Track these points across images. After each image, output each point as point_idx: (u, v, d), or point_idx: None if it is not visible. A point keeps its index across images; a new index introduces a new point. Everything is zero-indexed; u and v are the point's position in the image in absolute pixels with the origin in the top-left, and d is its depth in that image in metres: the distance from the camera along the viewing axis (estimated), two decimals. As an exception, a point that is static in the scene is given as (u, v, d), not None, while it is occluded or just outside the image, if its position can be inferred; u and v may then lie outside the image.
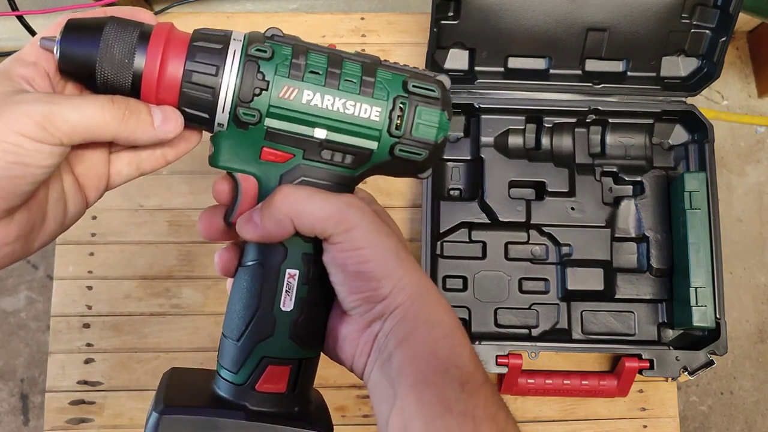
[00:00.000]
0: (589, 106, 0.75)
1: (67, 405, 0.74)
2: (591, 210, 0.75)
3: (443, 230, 0.75)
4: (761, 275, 1.46)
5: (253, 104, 0.36)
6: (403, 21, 0.84)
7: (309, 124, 0.37)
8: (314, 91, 0.36)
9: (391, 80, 0.37)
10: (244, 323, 0.38)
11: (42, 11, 0.82)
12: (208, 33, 0.37)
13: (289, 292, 0.38)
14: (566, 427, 0.74)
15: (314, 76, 0.36)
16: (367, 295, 0.37)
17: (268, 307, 0.38)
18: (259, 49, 0.36)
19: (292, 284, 0.38)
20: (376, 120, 0.37)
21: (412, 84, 0.38)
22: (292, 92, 0.36)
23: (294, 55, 0.37)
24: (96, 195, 0.41)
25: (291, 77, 0.36)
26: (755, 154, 1.52)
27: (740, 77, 1.54)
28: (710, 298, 0.69)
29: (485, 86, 0.76)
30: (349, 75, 0.37)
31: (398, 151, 0.38)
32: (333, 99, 0.37)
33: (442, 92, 0.38)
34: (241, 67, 0.36)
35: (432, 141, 0.38)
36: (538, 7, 0.72)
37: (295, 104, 0.36)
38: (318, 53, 0.37)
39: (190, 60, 0.36)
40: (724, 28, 0.72)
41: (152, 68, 0.36)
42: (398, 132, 0.37)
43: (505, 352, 0.69)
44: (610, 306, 0.74)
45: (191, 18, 0.83)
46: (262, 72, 0.36)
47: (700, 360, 0.70)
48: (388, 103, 0.37)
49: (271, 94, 0.36)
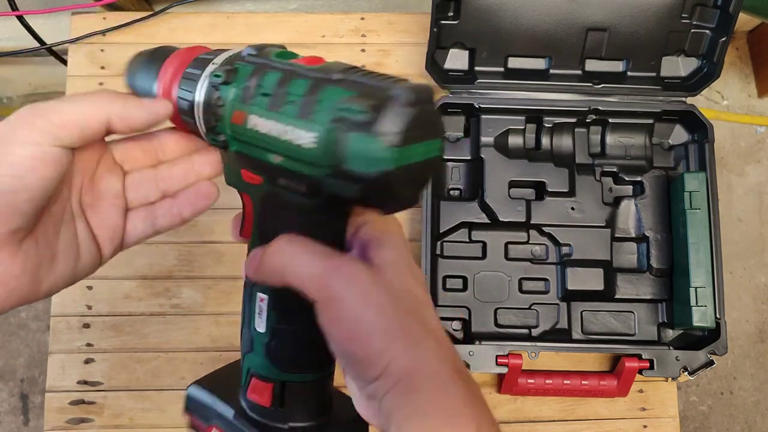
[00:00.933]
0: (589, 106, 0.75)
1: (67, 405, 0.73)
2: (591, 210, 0.75)
3: (443, 230, 0.75)
4: (761, 275, 1.46)
5: (217, 129, 0.36)
6: (403, 21, 0.84)
7: (264, 150, 0.34)
8: (259, 114, 0.34)
9: (330, 98, 0.31)
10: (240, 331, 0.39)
11: (42, 11, 0.82)
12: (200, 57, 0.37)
13: (261, 314, 0.37)
14: (566, 427, 0.74)
15: (262, 98, 0.34)
16: (354, 375, 0.33)
17: (248, 324, 0.38)
18: (216, 74, 0.35)
19: (263, 307, 0.37)
20: (311, 147, 0.31)
21: (344, 106, 0.31)
22: (240, 117, 0.34)
23: (250, 76, 0.34)
24: (110, 248, 0.40)
25: (241, 101, 0.34)
26: (755, 154, 1.52)
27: (740, 77, 1.54)
28: (710, 298, 0.69)
29: (485, 86, 0.76)
30: (292, 95, 0.33)
31: (329, 184, 0.32)
32: (274, 124, 0.33)
33: (389, 113, 0.30)
34: (206, 92, 0.36)
35: (365, 174, 0.30)
36: (538, 7, 0.72)
37: (245, 130, 0.34)
38: (275, 71, 0.34)
39: (178, 87, 0.37)
40: (724, 28, 0.72)
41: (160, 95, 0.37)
42: (331, 162, 0.31)
43: (505, 352, 0.69)
44: (610, 306, 0.74)
45: (191, 18, 0.83)
46: (220, 96, 0.35)
47: (700, 360, 0.70)
48: (324, 128, 0.31)
49: (225, 120, 0.35)
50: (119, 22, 0.81)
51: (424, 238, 0.71)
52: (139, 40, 0.82)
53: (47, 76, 1.33)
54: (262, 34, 0.83)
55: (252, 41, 0.85)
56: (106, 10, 0.84)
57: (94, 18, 0.82)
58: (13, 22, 0.83)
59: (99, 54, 0.81)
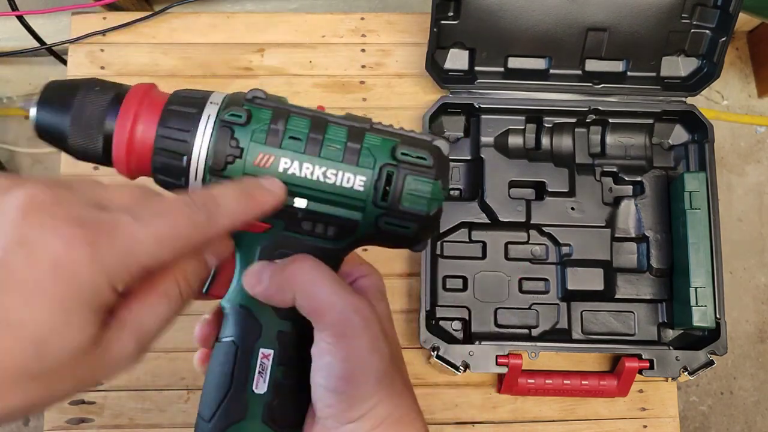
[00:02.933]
0: (589, 106, 0.75)
1: (67, 405, 0.73)
2: (591, 210, 0.75)
3: (443, 230, 0.75)
4: (761, 275, 1.46)
5: (226, 172, 0.34)
6: (403, 21, 0.84)
7: (289, 194, 0.34)
8: (292, 158, 0.34)
9: (379, 146, 0.34)
10: (215, 404, 0.36)
11: (42, 11, 0.82)
12: (185, 96, 0.35)
13: (263, 373, 0.35)
14: (566, 427, 0.74)
15: (293, 142, 0.34)
16: (336, 413, 0.34)
17: (240, 389, 0.35)
18: (234, 114, 0.34)
19: (266, 365, 0.35)
20: (360, 190, 0.34)
21: (402, 151, 0.34)
22: (268, 160, 0.34)
23: (273, 119, 0.34)
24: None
25: (267, 144, 0.34)
26: (755, 154, 1.52)
27: (740, 77, 1.54)
28: (710, 298, 0.69)
29: (485, 86, 0.76)
30: (332, 141, 0.34)
31: (384, 224, 0.35)
32: (313, 167, 0.34)
33: (438, 159, 0.35)
34: (214, 133, 0.34)
35: (423, 213, 0.34)
36: (538, 7, 0.72)
37: (271, 172, 0.34)
38: (300, 116, 0.34)
39: (162, 125, 0.34)
40: (724, 28, 0.72)
41: (122, 133, 0.33)
42: (384, 203, 0.34)
43: (505, 352, 0.69)
44: (610, 306, 0.74)
45: (191, 18, 0.83)
46: (236, 138, 0.33)
47: (700, 360, 0.70)
48: (374, 171, 0.34)
49: (245, 162, 0.34)
50: (119, 22, 0.81)
51: (424, 238, 0.71)
52: (139, 40, 0.82)
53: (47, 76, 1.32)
54: (262, 34, 0.83)
55: (252, 41, 0.86)
56: (106, 10, 0.84)
57: (94, 18, 0.82)
58: (13, 22, 0.83)
59: (99, 54, 0.81)
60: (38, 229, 0.26)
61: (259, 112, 0.34)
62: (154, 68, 0.81)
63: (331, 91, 0.81)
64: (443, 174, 0.35)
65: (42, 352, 0.26)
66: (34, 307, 0.25)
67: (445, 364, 0.68)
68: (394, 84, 0.81)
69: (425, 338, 0.69)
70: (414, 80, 0.81)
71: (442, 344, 0.69)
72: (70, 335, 0.26)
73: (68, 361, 0.26)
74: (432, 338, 0.69)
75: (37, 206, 0.27)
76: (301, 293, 0.34)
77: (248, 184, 0.33)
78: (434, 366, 0.73)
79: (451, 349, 0.69)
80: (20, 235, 0.26)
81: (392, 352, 0.35)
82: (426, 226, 0.35)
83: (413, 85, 0.81)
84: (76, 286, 0.26)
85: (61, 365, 0.26)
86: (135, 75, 0.80)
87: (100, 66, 0.81)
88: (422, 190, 0.34)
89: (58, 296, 0.26)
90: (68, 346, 0.26)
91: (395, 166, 0.34)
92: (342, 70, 0.82)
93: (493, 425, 0.73)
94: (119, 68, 0.81)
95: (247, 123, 0.34)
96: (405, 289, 0.76)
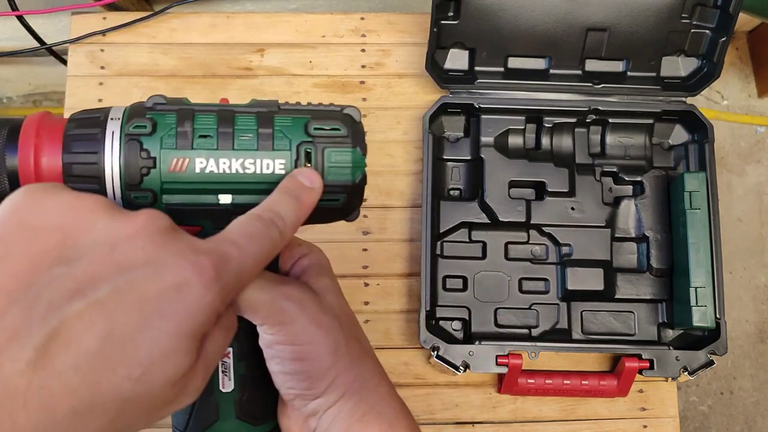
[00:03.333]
0: (589, 106, 0.75)
1: (67, 405, 0.73)
2: (591, 210, 0.75)
3: (443, 230, 0.75)
4: (761, 275, 1.46)
5: (143, 185, 0.33)
6: (403, 21, 0.84)
7: (211, 192, 0.33)
8: (207, 156, 0.33)
9: (291, 126, 0.34)
10: (187, 413, 0.36)
11: (42, 11, 0.82)
12: (82, 117, 0.33)
13: (227, 372, 0.36)
14: (566, 427, 0.74)
15: (205, 140, 0.33)
16: (300, 392, 0.36)
17: (208, 392, 0.36)
18: (138, 125, 0.33)
19: (228, 363, 0.36)
20: (281, 173, 0.34)
21: (314, 126, 0.34)
22: (183, 163, 0.33)
23: (179, 122, 0.33)
24: None
25: (179, 148, 0.33)
26: (755, 154, 1.52)
27: (740, 77, 1.54)
28: (710, 298, 0.69)
29: (485, 86, 0.76)
30: (243, 131, 0.33)
31: None
32: (229, 161, 0.33)
33: (352, 127, 0.35)
34: (122, 149, 0.32)
35: (348, 182, 0.35)
36: (538, 7, 0.72)
37: (188, 176, 0.33)
38: (206, 113, 0.34)
39: (66, 152, 0.32)
40: (724, 28, 0.72)
41: (26, 168, 0.32)
42: None
43: (505, 352, 0.69)
44: (610, 306, 0.74)
45: (191, 18, 0.83)
46: (146, 149, 0.32)
47: (700, 360, 0.70)
48: (292, 152, 0.34)
49: (161, 171, 0.33)
50: (119, 22, 0.81)
51: (424, 238, 0.71)
52: (139, 40, 0.82)
53: (47, 76, 1.33)
54: (262, 34, 0.83)
55: (252, 41, 0.86)
56: (106, 10, 0.84)
57: (94, 18, 0.82)
58: (13, 22, 0.83)
59: (99, 54, 0.81)
60: (163, 251, 0.26)
61: (163, 118, 0.33)
62: (154, 68, 0.81)
63: (331, 91, 0.81)
64: (359, 140, 0.35)
65: (146, 375, 0.25)
66: (152, 328, 0.25)
67: (445, 364, 0.68)
68: (394, 84, 0.81)
69: (425, 338, 0.69)
70: (414, 80, 0.81)
71: (442, 344, 0.69)
72: (176, 361, 0.26)
73: (161, 388, 0.25)
74: (432, 338, 0.69)
75: (161, 229, 0.27)
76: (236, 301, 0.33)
77: (293, 189, 0.33)
78: (434, 366, 0.73)
79: (451, 349, 0.69)
80: (146, 254, 0.26)
81: (342, 322, 0.36)
82: (354, 195, 0.35)
83: (413, 85, 0.81)
84: (197, 310, 0.26)
85: (154, 393, 0.25)
86: (135, 75, 0.80)
87: (100, 66, 0.81)
88: (343, 160, 0.34)
89: (177, 318, 0.25)
90: (171, 372, 0.25)
91: (311, 142, 0.34)
92: (342, 70, 0.82)
93: (493, 425, 0.73)
94: (119, 68, 0.81)
95: (154, 131, 0.33)
96: (405, 289, 0.76)
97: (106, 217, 0.27)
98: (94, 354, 0.24)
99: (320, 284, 0.37)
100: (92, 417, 0.24)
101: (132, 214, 0.28)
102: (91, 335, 0.24)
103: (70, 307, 0.24)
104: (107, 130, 0.32)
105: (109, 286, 0.25)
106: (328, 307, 0.36)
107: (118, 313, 0.24)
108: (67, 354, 0.23)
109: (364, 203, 0.37)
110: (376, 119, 0.80)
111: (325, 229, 0.77)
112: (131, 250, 0.26)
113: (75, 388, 0.23)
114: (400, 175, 0.78)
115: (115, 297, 0.25)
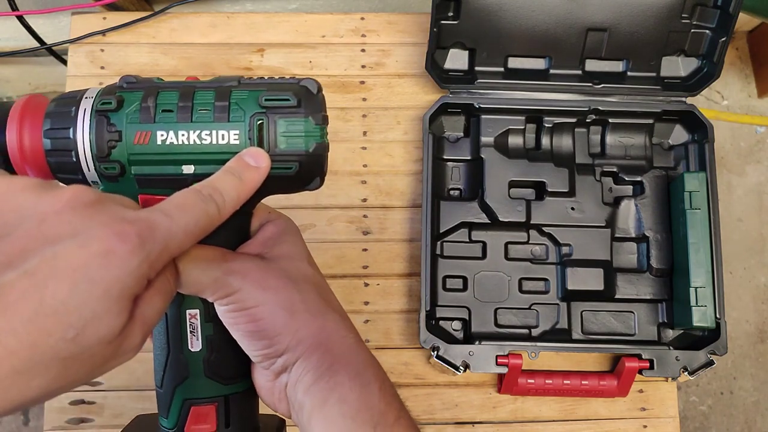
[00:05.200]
0: (589, 106, 0.75)
1: (67, 405, 0.73)
2: (591, 210, 0.75)
3: (443, 230, 0.75)
4: (761, 275, 1.46)
5: (112, 157, 0.36)
6: (403, 21, 0.84)
7: (174, 163, 0.36)
8: (167, 129, 0.36)
9: (246, 98, 0.36)
10: (161, 369, 0.39)
11: (42, 11, 0.82)
12: (63, 97, 0.37)
13: (194, 332, 0.39)
14: (566, 427, 0.74)
15: (166, 114, 0.36)
16: (265, 352, 0.37)
17: (177, 351, 0.39)
18: (105, 102, 0.36)
19: (196, 324, 0.39)
20: (236, 143, 0.36)
21: (266, 98, 0.36)
22: (145, 136, 0.36)
23: (144, 98, 0.36)
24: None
25: (142, 122, 0.36)
26: (755, 154, 1.52)
27: (740, 77, 1.54)
28: (710, 298, 0.69)
29: (485, 86, 0.76)
30: (201, 104, 0.36)
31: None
32: (187, 132, 0.36)
33: (305, 97, 0.37)
34: (92, 123, 0.36)
35: (302, 151, 0.36)
36: (538, 7, 0.72)
37: (152, 147, 0.36)
38: (170, 90, 0.37)
39: (45, 128, 0.36)
40: (724, 28, 0.72)
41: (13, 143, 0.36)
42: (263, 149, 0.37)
43: (505, 352, 0.69)
44: (610, 306, 0.74)
45: (191, 18, 0.83)
46: (113, 123, 0.36)
47: (700, 360, 0.70)
48: (245, 123, 0.36)
49: (126, 143, 0.36)
50: (119, 22, 0.81)
51: (424, 238, 0.71)
52: (139, 40, 0.82)
53: (47, 76, 1.33)
54: (261, 34, 0.83)
55: (252, 41, 0.86)
56: (106, 10, 0.84)
57: (94, 18, 0.82)
58: (13, 22, 0.83)
59: (99, 54, 0.81)
60: (89, 222, 0.28)
61: (130, 95, 0.36)
62: (154, 68, 0.81)
63: (331, 91, 0.81)
64: (314, 111, 0.37)
65: (80, 336, 0.27)
66: (81, 292, 0.27)
67: (445, 364, 0.68)
68: (394, 84, 0.81)
69: (425, 338, 0.69)
70: (414, 80, 0.81)
71: (442, 344, 0.69)
72: (108, 322, 0.28)
73: (97, 347, 0.28)
74: (432, 338, 0.69)
75: (85, 203, 0.29)
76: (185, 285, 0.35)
77: (236, 168, 0.35)
78: (434, 366, 0.73)
79: (451, 349, 0.69)
80: (71, 227, 0.28)
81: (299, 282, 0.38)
82: (311, 164, 0.37)
83: (413, 85, 0.81)
84: (124, 275, 0.28)
85: (91, 351, 0.28)
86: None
87: (100, 66, 0.81)
88: (294, 130, 0.36)
89: (104, 284, 0.27)
90: (103, 332, 0.28)
91: (263, 113, 0.36)
92: (342, 70, 0.82)
93: (493, 425, 0.73)
94: (119, 68, 0.81)
95: (119, 107, 0.36)
96: (405, 289, 0.76)
97: (34, 196, 0.29)
98: (29, 320, 0.26)
99: (280, 250, 0.39)
100: (35, 375, 0.26)
101: (59, 191, 0.30)
102: (24, 302, 0.26)
103: (2, 278, 0.26)
104: (80, 108, 0.36)
105: (38, 257, 0.27)
106: (277, 270, 0.38)
107: (48, 281, 0.26)
108: (4, 320, 0.25)
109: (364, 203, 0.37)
110: (376, 119, 0.80)
111: (326, 230, 0.77)
112: (57, 224, 0.28)
113: (14, 351, 0.25)
114: (400, 175, 0.78)
115: (45, 266, 0.27)
